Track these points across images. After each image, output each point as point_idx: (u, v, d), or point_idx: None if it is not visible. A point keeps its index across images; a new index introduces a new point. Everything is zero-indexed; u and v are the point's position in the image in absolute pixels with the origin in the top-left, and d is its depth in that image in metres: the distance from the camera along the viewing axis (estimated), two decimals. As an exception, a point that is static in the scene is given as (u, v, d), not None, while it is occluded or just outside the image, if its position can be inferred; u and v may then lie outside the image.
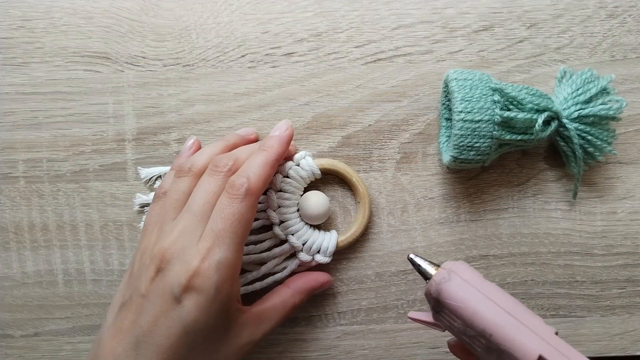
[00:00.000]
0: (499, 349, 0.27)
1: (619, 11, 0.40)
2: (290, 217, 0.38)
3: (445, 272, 0.30)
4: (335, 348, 0.41)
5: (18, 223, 0.41)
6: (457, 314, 0.28)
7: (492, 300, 0.28)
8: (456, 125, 0.35)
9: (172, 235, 0.31)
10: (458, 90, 0.35)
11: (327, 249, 0.38)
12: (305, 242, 0.38)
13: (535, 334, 0.27)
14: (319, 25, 0.41)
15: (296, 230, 0.38)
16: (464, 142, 0.35)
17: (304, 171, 0.38)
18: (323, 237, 0.38)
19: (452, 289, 0.29)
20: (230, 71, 0.41)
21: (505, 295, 0.29)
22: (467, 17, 0.41)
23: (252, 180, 0.32)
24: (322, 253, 0.38)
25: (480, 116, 0.35)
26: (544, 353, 0.26)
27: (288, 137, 0.36)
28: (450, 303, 0.29)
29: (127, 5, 0.41)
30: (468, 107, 0.35)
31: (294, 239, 0.38)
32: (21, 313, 0.41)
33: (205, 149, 0.36)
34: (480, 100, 0.35)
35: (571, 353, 0.26)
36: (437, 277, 0.30)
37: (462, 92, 0.35)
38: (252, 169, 0.33)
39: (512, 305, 0.28)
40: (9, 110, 0.41)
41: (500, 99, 0.35)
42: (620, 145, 0.40)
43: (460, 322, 0.28)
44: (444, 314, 0.29)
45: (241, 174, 0.32)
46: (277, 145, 0.35)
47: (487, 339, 0.27)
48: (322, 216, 0.38)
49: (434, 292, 0.29)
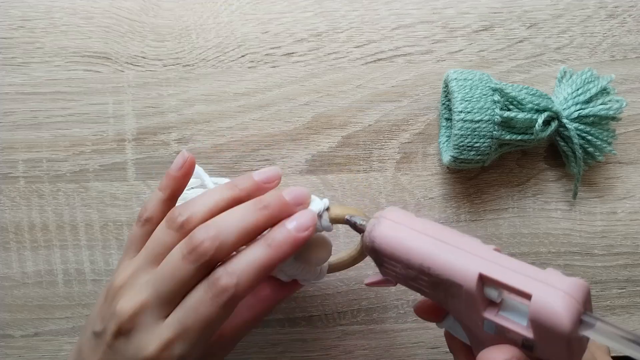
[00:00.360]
0: (441, 281, 0.26)
1: (619, 11, 0.40)
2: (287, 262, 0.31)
3: (374, 219, 0.29)
4: (335, 348, 0.41)
5: (18, 223, 0.41)
6: (394, 257, 0.27)
7: (425, 234, 0.27)
8: (456, 125, 0.35)
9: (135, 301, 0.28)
10: (458, 90, 0.35)
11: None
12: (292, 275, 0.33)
13: (472, 254, 0.25)
14: (319, 25, 0.41)
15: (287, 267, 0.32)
16: (464, 142, 0.35)
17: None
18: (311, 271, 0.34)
19: (382, 232, 0.28)
20: (230, 71, 0.41)
21: (439, 226, 0.28)
22: (467, 17, 0.41)
23: (242, 285, 0.27)
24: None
25: (480, 116, 0.35)
26: (484, 270, 0.25)
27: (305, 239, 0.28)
28: (384, 247, 0.27)
29: (127, 5, 0.41)
30: (468, 107, 0.35)
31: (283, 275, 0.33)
32: (21, 313, 0.41)
33: (207, 197, 0.29)
34: (480, 100, 0.35)
35: (512, 264, 0.25)
36: (369, 226, 0.29)
37: (462, 92, 0.35)
38: (247, 269, 0.27)
39: (447, 234, 0.27)
40: (9, 110, 0.41)
41: (500, 99, 0.35)
42: (620, 145, 0.40)
43: (399, 265, 0.27)
44: (385, 262, 0.28)
45: (232, 271, 0.27)
46: (288, 247, 0.28)
47: (428, 273, 0.26)
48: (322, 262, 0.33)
49: (368, 242, 0.28)
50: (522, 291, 0.24)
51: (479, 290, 0.25)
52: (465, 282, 0.25)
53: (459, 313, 0.27)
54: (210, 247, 0.27)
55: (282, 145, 0.40)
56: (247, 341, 0.41)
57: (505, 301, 0.26)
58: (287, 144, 0.40)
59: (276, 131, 0.40)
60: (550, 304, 0.23)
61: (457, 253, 0.26)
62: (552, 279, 0.24)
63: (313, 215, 0.29)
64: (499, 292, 0.25)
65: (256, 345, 0.41)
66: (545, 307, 0.23)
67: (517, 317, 0.25)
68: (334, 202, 0.40)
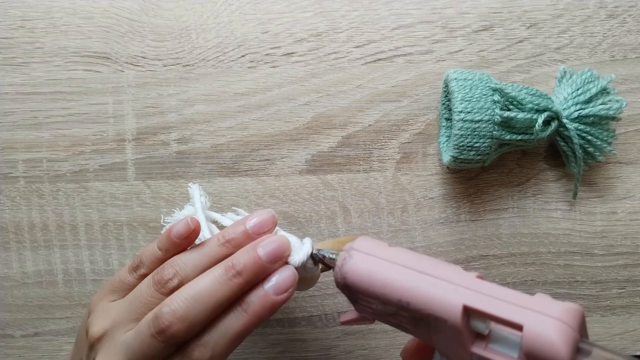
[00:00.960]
0: (422, 316, 0.24)
1: (619, 11, 0.40)
2: None
3: (344, 253, 0.27)
4: (335, 348, 0.41)
5: (18, 223, 0.41)
6: (369, 293, 0.25)
7: (401, 265, 0.25)
8: (456, 125, 0.35)
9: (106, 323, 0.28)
10: (458, 90, 0.35)
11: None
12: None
13: (454, 284, 0.23)
14: (319, 25, 0.41)
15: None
16: (464, 142, 0.35)
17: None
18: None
19: (354, 267, 0.26)
20: (230, 71, 0.41)
21: (415, 254, 0.26)
22: (467, 17, 0.41)
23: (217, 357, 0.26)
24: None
25: (480, 116, 0.35)
26: (468, 301, 0.23)
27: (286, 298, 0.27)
28: (357, 283, 0.25)
29: (127, 5, 0.41)
30: (468, 107, 0.35)
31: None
32: (21, 313, 0.41)
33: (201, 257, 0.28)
34: (480, 100, 0.35)
35: (498, 292, 0.23)
36: (339, 262, 0.26)
37: (462, 92, 0.35)
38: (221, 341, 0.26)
39: (424, 263, 0.25)
40: (9, 110, 0.41)
41: (500, 99, 0.35)
42: (620, 145, 0.40)
43: (376, 301, 0.25)
44: (360, 299, 0.26)
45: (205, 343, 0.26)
46: (266, 312, 0.27)
47: (407, 308, 0.24)
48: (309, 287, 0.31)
49: (339, 278, 0.26)
50: (512, 322, 0.22)
51: (465, 323, 0.23)
52: (449, 315, 0.23)
53: (446, 349, 0.25)
54: (179, 330, 0.26)
55: (282, 145, 0.40)
56: (247, 341, 0.41)
57: (493, 332, 0.24)
58: (287, 144, 0.40)
59: (276, 131, 0.40)
60: (545, 334, 0.21)
61: (438, 284, 0.24)
62: (543, 306, 0.22)
63: (293, 275, 0.28)
64: (486, 323, 0.23)
65: (256, 345, 0.41)
66: (539, 337, 0.21)
67: (507, 349, 0.23)
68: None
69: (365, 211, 0.40)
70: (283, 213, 0.40)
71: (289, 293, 0.27)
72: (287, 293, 0.27)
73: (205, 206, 0.34)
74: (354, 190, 0.40)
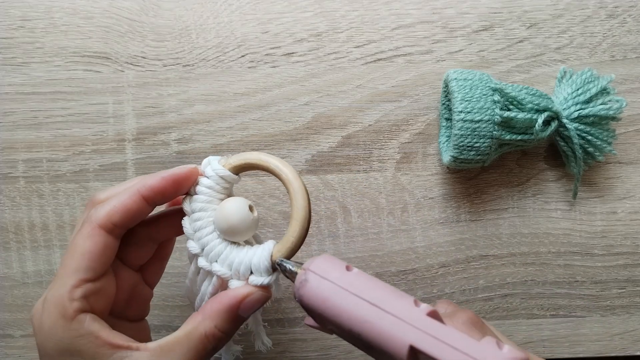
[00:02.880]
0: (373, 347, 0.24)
1: (619, 11, 0.40)
2: (208, 241, 0.29)
3: (303, 272, 0.26)
4: (335, 348, 0.41)
5: (18, 223, 0.41)
6: (324, 318, 0.25)
7: (354, 294, 0.24)
8: (456, 125, 0.35)
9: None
10: (458, 90, 0.35)
11: (259, 266, 0.28)
12: (231, 265, 0.29)
13: (404, 321, 0.23)
14: (319, 25, 0.41)
15: (218, 254, 0.29)
16: (464, 142, 0.35)
17: (208, 180, 0.30)
18: (253, 252, 0.29)
19: (309, 292, 0.25)
20: (230, 71, 0.41)
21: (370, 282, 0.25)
22: (467, 17, 0.41)
23: (100, 208, 0.28)
24: (255, 273, 0.29)
25: (480, 116, 0.35)
26: (415, 342, 0.22)
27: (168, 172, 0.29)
28: (313, 307, 0.25)
29: (127, 5, 0.41)
30: (468, 107, 0.35)
31: (217, 266, 0.29)
32: (21, 313, 0.41)
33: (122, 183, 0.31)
34: (480, 100, 0.35)
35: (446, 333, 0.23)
36: (297, 281, 0.26)
37: (462, 92, 0.35)
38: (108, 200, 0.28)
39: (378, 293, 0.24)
40: (9, 110, 0.41)
41: (500, 99, 0.35)
42: (620, 145, 0.40)
43: (331, 325, 0.25)
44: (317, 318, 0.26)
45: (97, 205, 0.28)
46: (149, 177, 0.29)
47: (359, 339, 0.24)
48: (238, 226, 0.29)
49: (297, 298, 0.26)
50: None
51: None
52: (396, 353, 0.23)
53: None
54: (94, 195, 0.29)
55: (282, 145, 0.40)
56: (247, 341, 0.41)
57: None
58: (287, 144, 0.40)
59: (276, 131, 0.40)
60: None
61: (388, 320, 0.23)
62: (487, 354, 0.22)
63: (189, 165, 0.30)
64: None
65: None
66: None
67: None
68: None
69: (365, 211, 0.40)
70: (283, 213, 0.40)
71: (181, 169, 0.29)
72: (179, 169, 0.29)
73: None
74: (354, 190, 0.40)
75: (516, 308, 0.41)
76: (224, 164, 0.30)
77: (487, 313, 0.41)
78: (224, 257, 0.29)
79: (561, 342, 0.41)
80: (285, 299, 0.37)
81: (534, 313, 0.41)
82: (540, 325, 0.41)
